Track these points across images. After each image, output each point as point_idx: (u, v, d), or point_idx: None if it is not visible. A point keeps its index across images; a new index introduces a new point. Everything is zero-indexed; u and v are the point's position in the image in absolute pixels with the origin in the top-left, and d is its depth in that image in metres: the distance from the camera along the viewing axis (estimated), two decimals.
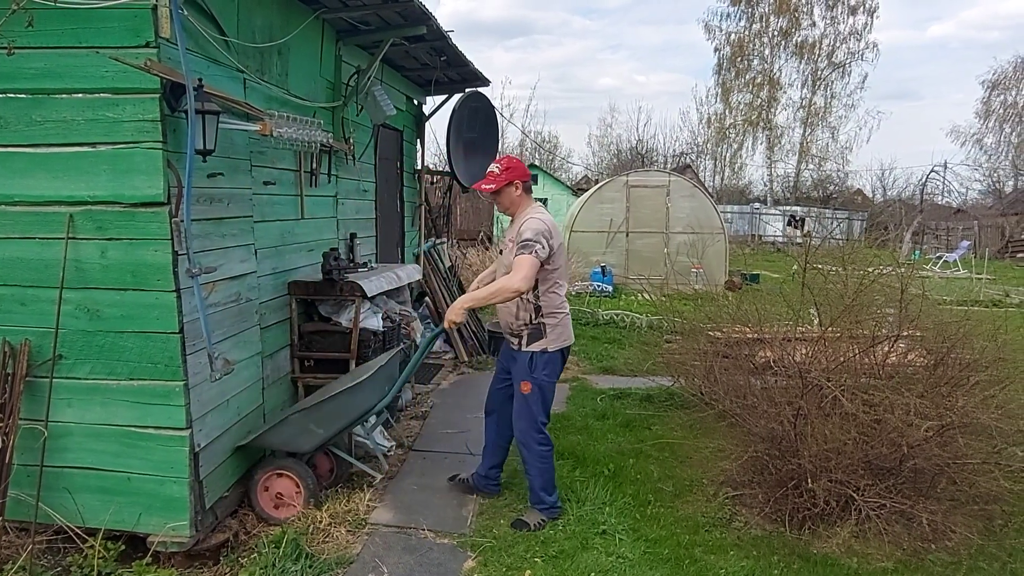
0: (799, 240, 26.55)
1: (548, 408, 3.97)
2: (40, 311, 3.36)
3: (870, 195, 37.95)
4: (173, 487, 3.44)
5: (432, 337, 4.11)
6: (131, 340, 3.35)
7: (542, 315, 3.84)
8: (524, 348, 3.86)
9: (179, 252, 3.28)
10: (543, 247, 3.64)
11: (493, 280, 3.98)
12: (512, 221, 3.97)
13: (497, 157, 4.81)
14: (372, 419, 4.29)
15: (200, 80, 3.17)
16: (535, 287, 3.76)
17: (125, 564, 3.39)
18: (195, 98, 3.10)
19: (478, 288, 4.08)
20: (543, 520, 3.93)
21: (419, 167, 8.19)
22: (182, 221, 3.25)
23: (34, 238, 3.31)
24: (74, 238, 3.28)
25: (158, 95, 3.13)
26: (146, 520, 3.48)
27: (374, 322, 4.80)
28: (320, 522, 3.83)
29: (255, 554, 3.52)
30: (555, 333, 3.86)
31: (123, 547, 3.43)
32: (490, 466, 4.29)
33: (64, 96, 3.18)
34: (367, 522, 3.93)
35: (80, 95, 3.17)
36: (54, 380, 3.39)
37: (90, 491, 3.50)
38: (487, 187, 3.88)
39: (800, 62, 35.90)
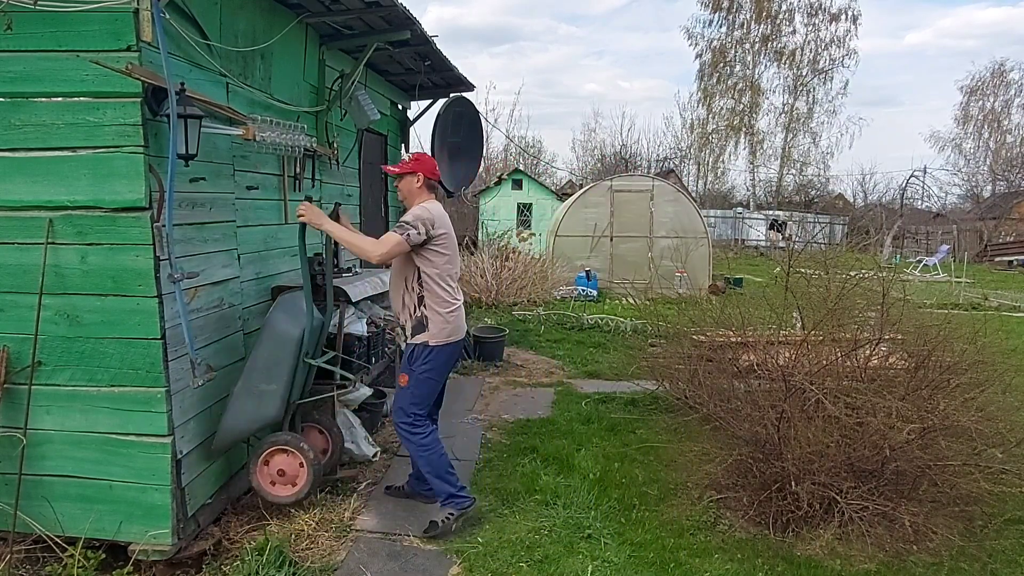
0: (781, 244, 26.77)
1: (425, 400, 3.90)
2: (19, 317, 3.31)
3: (851, 200, 38.34)
4: (155, 495, 3.40)
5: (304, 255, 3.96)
6: (112, 346, 3.31)
7: (425, 306, 3.80)
8: (408, 340, 3.87)
9: (161, 257, 3.25)
10: (418, 232, 3.63)
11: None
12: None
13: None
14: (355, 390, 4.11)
15: (182, 84, 3.14)
16: (418, 276, 3.76)
17: (105, 573, 3.35)
18: (177, 102, 3.08)
19: (353, 234, 3.79)
20: (451, 514, 3.78)
21: None
22: (164, 226, 3.22)
23: (12, 243, 3.26)
24: (54, 243, 3.24)
25: (139, 99, 3.10)
26: (127, 528, 3.44)
27: (359, 327, 4.77)
28: (304, 528, 3.80)
29: (238, 561, 3.48)
30: (438, 328, 3.80)
31: (103, 556, 3.39)
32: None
33: (43, 100, 3.14)
34: (351, 528, 3.90)
35: (60, 99, 3.14)
36: (33, 387, 3.35)
37: (70, 499, 3.45)
38: (391, 169, 3.99)
39: (781, 68, 36.24)
